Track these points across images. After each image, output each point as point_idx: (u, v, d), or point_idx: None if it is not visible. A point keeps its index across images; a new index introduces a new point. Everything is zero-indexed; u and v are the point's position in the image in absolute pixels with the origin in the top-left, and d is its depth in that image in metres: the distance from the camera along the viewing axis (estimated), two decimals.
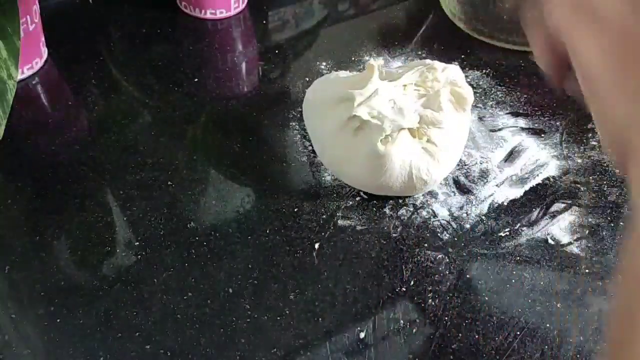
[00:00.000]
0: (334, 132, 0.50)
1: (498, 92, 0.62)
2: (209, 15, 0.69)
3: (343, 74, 0.55)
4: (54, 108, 0.60)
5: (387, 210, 0.51)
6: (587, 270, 0.47)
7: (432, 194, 0.52)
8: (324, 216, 0.50)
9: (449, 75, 0.51)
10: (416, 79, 0.51)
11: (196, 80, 0.62)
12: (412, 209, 0.51)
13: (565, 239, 0.49)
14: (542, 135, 0.58)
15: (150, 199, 0.51)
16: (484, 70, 0.64)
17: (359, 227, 0.50)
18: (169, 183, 0.52)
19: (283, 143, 0.56)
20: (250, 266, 0.47)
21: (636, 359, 0.24)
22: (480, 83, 0.63)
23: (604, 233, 0.50)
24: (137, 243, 0.48)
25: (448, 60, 0.65)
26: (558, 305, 0.45)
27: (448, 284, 0.46)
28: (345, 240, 0.49)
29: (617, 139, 0.28)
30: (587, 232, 0.50)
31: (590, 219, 0.51)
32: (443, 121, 0.50)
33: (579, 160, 0.56)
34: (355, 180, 0.52)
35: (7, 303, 0.44)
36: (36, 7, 0.59)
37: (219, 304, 0.44)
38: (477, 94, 0.62)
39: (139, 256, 0.47)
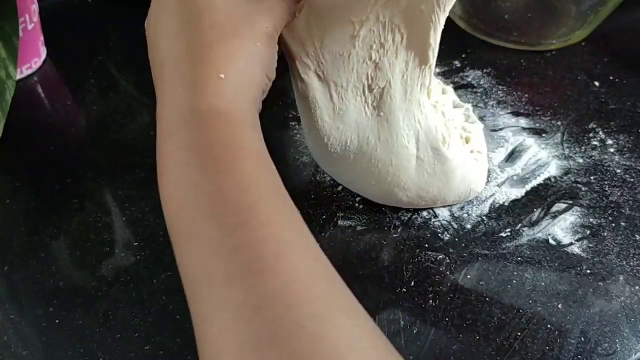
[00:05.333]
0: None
1: (499, 92, 0.62)
2: None
3: None
4: (52, 107, 0.60)
5: (387, 210, 0.50)
6: (588, 271, 0.47)
7: None
8: (324, 216, 0.50)
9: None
10: None
11: None
12: (412, 209, 0.51)
13: (566, 239, 0.49)
14: (543, 135, 0.58)
15: (150, 198, 0.51)
16: (484, 70, 0.64)
17: (359, 228, 0.49)
18: None
19: (283, 143, 0.56)
20: None
21: None
22: (481, 82, 0.63)
23: (605, 233, 0.50)
24: (136, 243, 0.48)
25: (449, 59, 0.65)
26: (559, 306, 0.45)
27: (449, 284, 0.46)
28: (345, 240, 0.49)
29: None
30: (588, 232, 0.50)
31: (591, 219, 0.51)
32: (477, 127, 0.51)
33: (580, 160, 0.55)
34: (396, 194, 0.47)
35: (6, 303, 0.44)
36: (35, 7, 0.59)
37: None
38: (478, 94, 0.61)
39: (138, 256, 0.47)
